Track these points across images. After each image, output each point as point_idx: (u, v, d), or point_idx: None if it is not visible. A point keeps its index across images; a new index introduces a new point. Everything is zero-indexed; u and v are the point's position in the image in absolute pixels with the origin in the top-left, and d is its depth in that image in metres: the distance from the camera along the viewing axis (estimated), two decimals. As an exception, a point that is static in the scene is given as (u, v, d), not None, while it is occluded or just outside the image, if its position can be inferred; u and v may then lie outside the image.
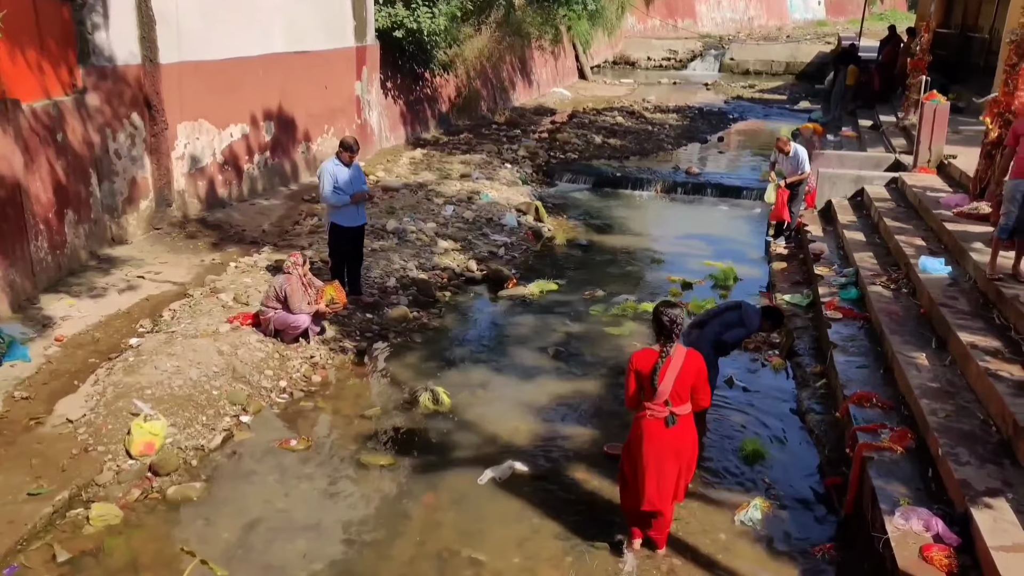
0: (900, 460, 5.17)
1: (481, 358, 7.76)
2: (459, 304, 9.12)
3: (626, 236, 12.11)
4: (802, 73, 32.99)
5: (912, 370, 6.05)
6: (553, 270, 10.36)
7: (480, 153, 15.68)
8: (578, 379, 7.36)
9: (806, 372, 7.40)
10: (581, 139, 18.27)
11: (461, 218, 11.62)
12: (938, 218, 8.97)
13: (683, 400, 4.60)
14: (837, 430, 6.24)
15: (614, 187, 14.97)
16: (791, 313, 8.71)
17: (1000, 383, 5.35)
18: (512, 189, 13.58)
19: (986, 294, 6.95)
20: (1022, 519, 4.26)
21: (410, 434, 6.35)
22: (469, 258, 10.23)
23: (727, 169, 16.93)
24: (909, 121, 14.95)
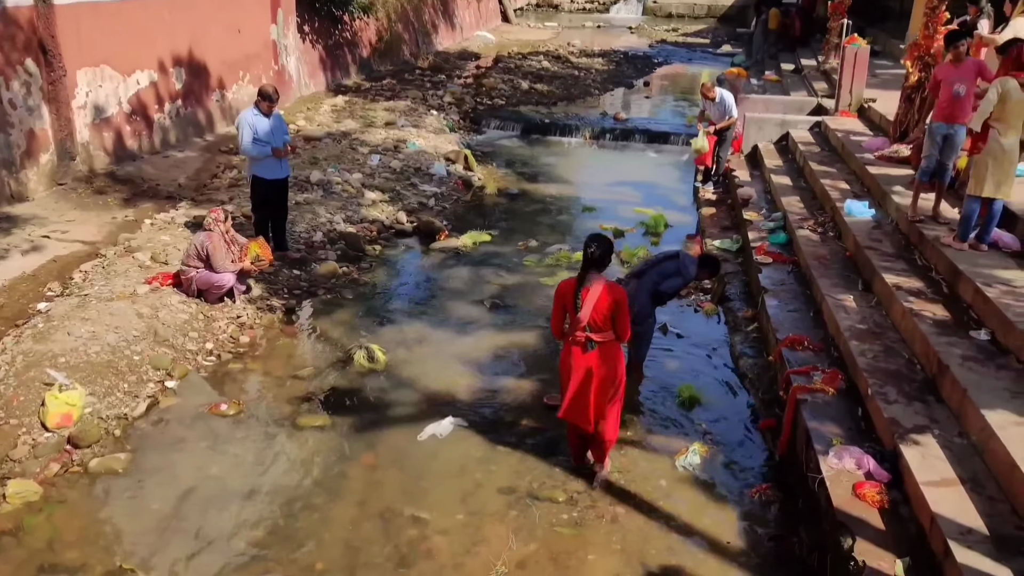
0: (832, 401, 5.31)
1: (416, 313, 7.62)
2: (390, 258, 8.91)
3: (557, 184, 12.03)
4: (724, 16, 33.23)
5: (840, 312, 6.20)
6: (485, 220, 10.23)
7: (405, 100, 15.28)
8: (515, 331, 7.31)
9: (738, 317, 7.53)
10: (508, 85, 17.99)
11: (388, 168, 11.32)
12: (860, 161, 9.17)
13: (601, 328, 4.80)
14: (770, 373, 6.38)
15: (543, 134, 14.83)
16: (721, 259, 8.81)
17: (923, 323, 5.53)
18: (440, 137, 13.29)
19: (908, 236, 7.16)
20: (948, 454, 4.43)
21: (346, 394, 6.20)
22: (398, 210, 9.98)
23: (653, 114, 16.96)
24: (830, 65, 15.23)
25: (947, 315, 5.64)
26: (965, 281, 5.83)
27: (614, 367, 4.91)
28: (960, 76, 6.71)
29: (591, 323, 4.77)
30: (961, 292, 5.89)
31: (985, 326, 5.38)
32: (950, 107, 6.76)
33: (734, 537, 4.80)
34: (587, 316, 4.73)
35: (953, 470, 4.29)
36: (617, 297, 4.75)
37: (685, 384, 6.42)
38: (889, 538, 4.09)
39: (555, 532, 4.78)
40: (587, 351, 4.82)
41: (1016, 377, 4.77)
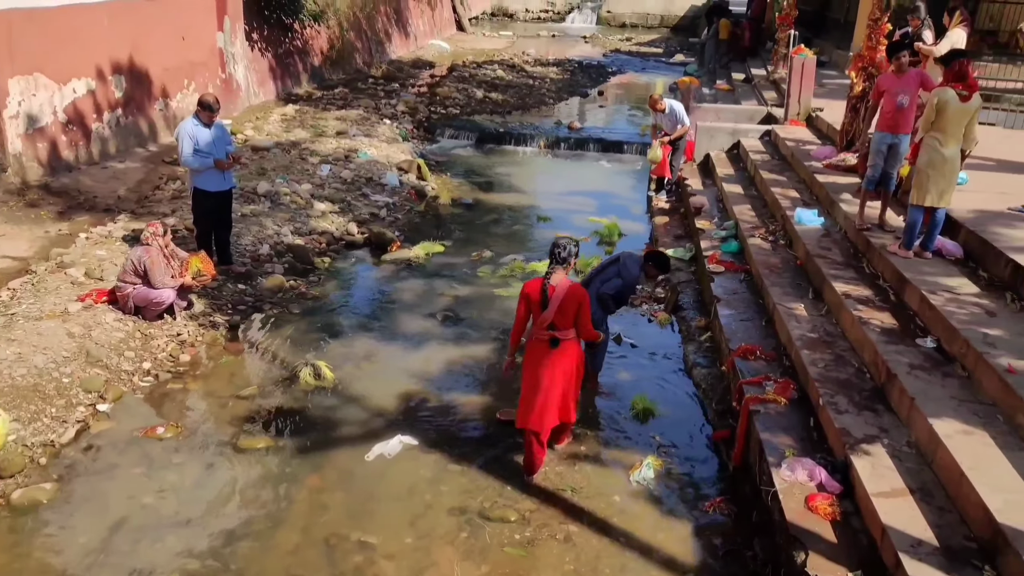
0: (784, 411, 5.30)
1: (365, 327, 7.45)
2: (339, 270, 8.73)
3: (511, 194, 11.97)
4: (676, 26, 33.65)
5: (792, 321, 6.21)
6: (438, 231, 10.11)
7: (357, 109, 15.11)
8: (468, 344, 7.19)
9: (691, 326, 7.52)
10: (462, 93, 17.90)
11: (339, 178, 11.14)
12: (809, 170, 9.27)
13: (566, 326, 5.04)
14: (723, 383, 6.36)
15: (497, 143, 14.78)
16: (675, 267, 8.82)
17: (872, 331, 5.55)
18: (392, 146, 13.14)
19: (856, 244, 7.22)
20: (898, 463, 4.43)
21: (291, 413, 6.00)
22: (349, 220, 9.81)
23: (608, 124, 17.02)
24: (779, 75, 15.46)
25: (895, 323, 5.68)
26: (911, 289, 5.87)
27: (578, 363, 5.26)
28: (902, 87, 6.80)
29: (556, 321, 4.99)
30: (907, 300, 5.94)
31: (931, 334, 5.42)
32: (893, 117, 6.85)
33: (688, 553, 4.73)
34: (553, 313, 4.96)
35: (903, 480, 4.29)
36: (581, 296, 5.02)
37: (639, 395, 6.36)
38: (841, 551, 4.06)
39: (506, 554, 4.66)
40: (552, 348, 5.05)
41: (961, 385, 4.80)
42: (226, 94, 13.21)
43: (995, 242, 6.14)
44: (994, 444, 4.21)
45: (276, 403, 6.11)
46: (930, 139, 6.05)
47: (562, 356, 5.09)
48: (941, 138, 6.00)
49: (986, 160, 8.55)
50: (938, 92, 5.99)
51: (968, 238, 6.44)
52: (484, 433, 5.84)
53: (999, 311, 5.37)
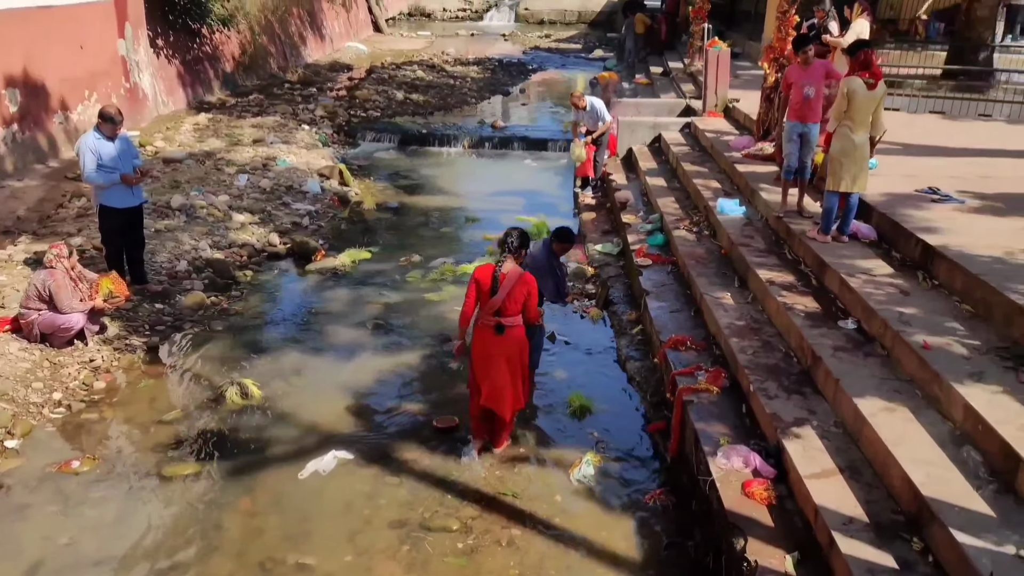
0: (717, 400, 5.40)
1: (293, 341, 7.28)
2: (263, 283, 8.51)
3: (438, 196, 11.89)
4: (594, 22, 34.07)
5: (719, 310, 6.34)
6: (364, 237, 9.97)
7: (273, 115, 14.79)
8: (401, 352, 7.11)
9: (622, 320, 7.60)
10: (382, 96, 17.72)
11: (257, 188, 10.87)
12: (729, 160, 9.48)
13: (512, 313, 5.25)
14: (657, 375, 6.44)
15: (421, 144, 14.67)
16: (603, 262, 8.92)
17: (796, 316, 5.71)
18: (312, 152, 12.90)
19: (777, 232, 7.42)
20: (827, 444, 4.56)
21: (218, 435, 5.81)
22: (270, 231, 9.58)
23: (531, 121, 17.09)
24: (695, 67, 15.77)
25: (817, 307, 5.85)
26: (831, 273, 6.06)
27: (524, 350, 5.43)
28: (808, 79, 7.01)
29: (503, 308, 5.21)
30: (828, 283, 6.13)
31: (851, 315, 5.61)
32: (802, 108, 7.08)
33: (632, 546, 4.78)
34: (501, 299, 5.17)
35: (832, 460, 4.41)
36: (530, 284, 5.28)
37: (575, 392, 6.40)
38: (779, 534, 4.16)
39: (449, 564, 4.61)
40: (498, 335, 5.25)
41: (882, 364, 4.98)
42: (132, 104, 12.72)
43: (905, 223, 6.39)
44: (915, 419, 4.38)
45: (201, 426, 5.90)
46: (841, 127, 6.26)
47: (508, 342, 5.30)
48: (851, 126, 6.22)
49: (893, 144, 8.90)
50: (846, 81, 6.20)
51: (880, 221, 6.69)
52: (421, 442, 5.76)
53: (912, 290, 5.60)
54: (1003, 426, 3.93)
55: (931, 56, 12.98)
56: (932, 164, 8.36)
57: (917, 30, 15.85)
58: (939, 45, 13.77)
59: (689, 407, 5.32)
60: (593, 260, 9.08)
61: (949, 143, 9.35)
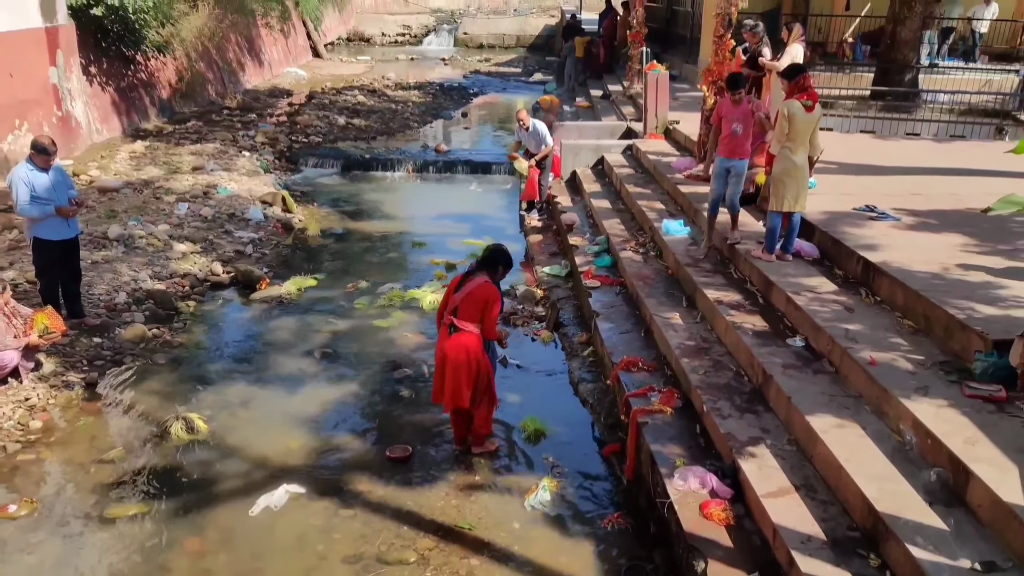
0: (671, 421, 5.41)
1: (239, 372, 7.09)
2: (206, 314, 8.29)
3: (383, 221, 11.79)
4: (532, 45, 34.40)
5: (669, 331, 6.38)
6: (309, 264, 9.80)
7: (213, 142, 14.51)
8: (350, 381, 6.98)
9: (573, 342, 7.60)
10: (323, 121, 17.55)
11: (198, 216, 10.62)
12: (671, 181, 9.63)
13: (468, 319, 5.45)
14: (610, 397, 6.44)
15: (364, 170, 14.56)
16: (552, 284, 8.93)
17: (745, 334, 5.78)
18: (254, 179, 12.68)
19: (722, 251, 7.53)
20: (781, 462, 4.60)
21: (163, 473, 5.58)
22: (212, 260, 9.35)
23: (474, 145, 17.12)
24: (635, 90, 16.03)
25: (765, 325, 5.94)
26: (777, 291, 6.17)
27: (471, 356, 5.48)
28: (738, 116, 7.07)
29: (461, 310, 5.43)
30: (775, 301, 6.23)
31: (799, 333, 5.71)
32: (730, 143, 7.13)
33: (592, 572, 4.73)
34: (460, 299, 5.42)
35: (788, 478, 4.45)
36: (490, 296, 5.45)
37: (529, 417, 6.35)
38: (738, 555, 4.16)
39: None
40: (450, 335, 5.48)
41: (831, 380, 5.06)
42: (64, 133, 12.30)
43: (845, 241, 6.56)
44: (865, 435, 4.45)
45: (145, 463, 5.67)
46: (783, 149, 6.40)
47: (458, 344, 5.45)
48: (792, 147, 6.37)
49: (829, 164, 9.17)
50: (787, 105, 6.35)
51: (822, 239, 6.86)
52: (375, 473, 5.63)
53: (856, 306, 5.73)
54: (951, 439, 4.02)
55: (859, 77, 13.44)
56: (867, 182, 8.62)
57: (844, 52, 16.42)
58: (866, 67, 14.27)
59: (644, 429, 5.31)
60: (542, 282, 9.08)
61: (881, 161, 9.66)
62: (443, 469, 5.69)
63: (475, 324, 5.47)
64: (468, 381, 5.55)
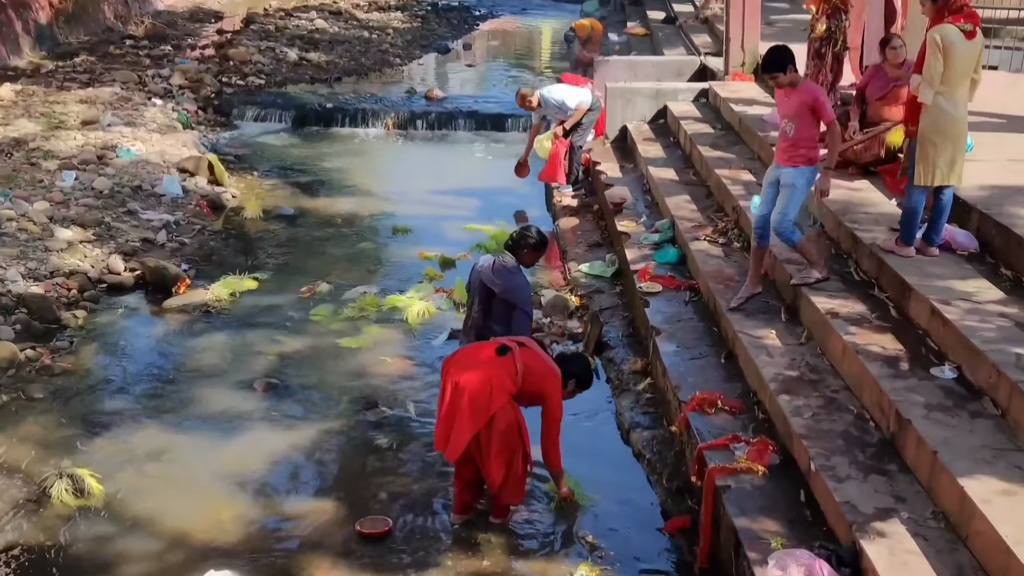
0: (763, 483, 5.40)
1: (148, 411, 7.19)
2: (101, 328, 8.44)
3: (351, 197, 11.90)
4: (566, -52, 34.48)
5: (762, 355, 6.38)
6: (248, 259, 9.94)
7: (111, 85, 14.78)
8: (306, 425, 7.05)
9: (623, 371, 7.63)
10: (267, 55, 17.74)
11: (90, 190, 10.86)
12: (766, 142, 9.60)
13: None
14: (675, 450, 6.46)
15: (325, 125, 14.71)
16: (593, 289, 8.95)
17: (871, 361, 5.76)
18: (169, 138, 12.88)
19: (838, 241, 7.53)
20: (922, 543, 4.58)
21: (41, 551, 5.65)
22: (111, 252, 9.52)
23: (480, 90, 17.22)
24: (711, 11, 16.09)
25: (900, 348, 5.91)
26: (917, 299, 6.15)
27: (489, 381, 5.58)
28: (789, 110, 6.84)
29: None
30: (913, 314, 6.21)
31: (948, 359, 5.68)
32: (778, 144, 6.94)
33: None
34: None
35: (931, 567, 4.43)
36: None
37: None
38: (861, 676, 4.15)
39: None
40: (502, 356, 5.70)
41: (995, 428, 5.04)
42: (-96, 71, 12.48)
43: (1016, 228, 6.52)
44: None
45: (15, 539, 5.73)
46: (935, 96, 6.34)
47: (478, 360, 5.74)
48: (947, 92, 6.31)
49: (992, 117, 9.13)
50: (939, 31, 6.27)
51: (983, 224, 6.82)
52: (340, 555, 5.68)
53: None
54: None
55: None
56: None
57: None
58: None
59: (724, 495, 5.31)
60: (578, 286, 9.12)
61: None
62: (435, 550, 5.72)
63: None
64: (473, 414, 5.56)
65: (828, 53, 9.52)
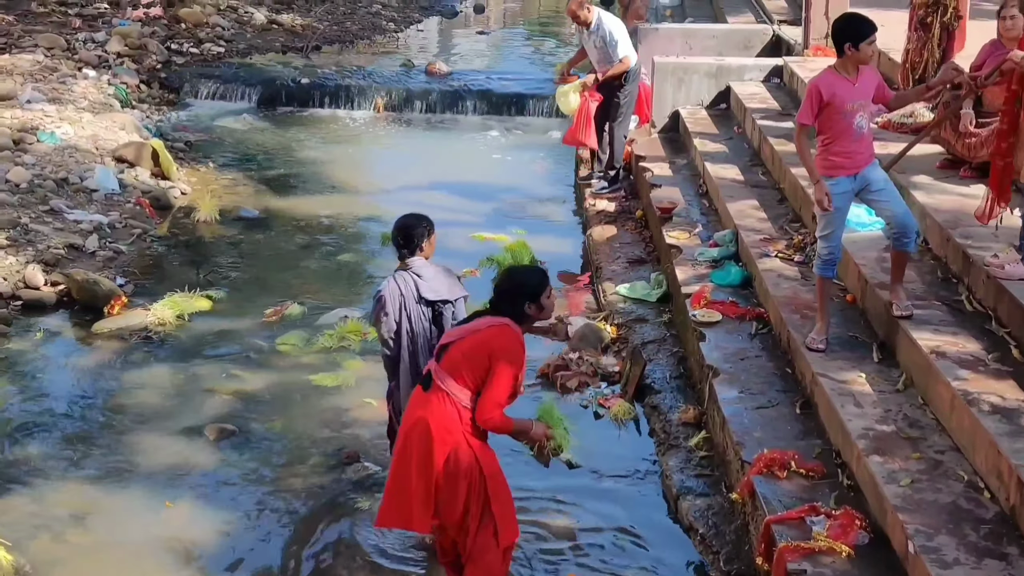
0: (849, 568, 5.37)
1: (70, 463, 7.24)
2: (14, 356, 8.52)
3: (331, 196, 11.96)
4: None
5: (848, 405, 6.35)
6: (199, 272, 10.01)
7: (32, 52, 14.94)
8: (267, 481, 7.11)
9: (670, 422, 7.60)
10: (228, 17, 17.86)
11: (4, 182, 10.91)
12: (856, 135, 9.62)
13: (458, 376, 5.53)
14: (736, 522, 6.42)
15: (300, 105, 14.82)
16: (633, 316, 8.94)
17: (988, 416, 5.73)
18: (103, 119, 12.98)
19: (945, 261, 7.51)
20: (1052, 647, 4.56)
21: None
22: (27, 262, 9.60)
23: (495, 64, 17.29)
24: (788, -31, 16.09)
25: (1023, 398, 5.88)
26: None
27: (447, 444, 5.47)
28: (859, 95, 6.85)
29: (450, 356, 5.50)
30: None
31: (1088, 413, 5.66)
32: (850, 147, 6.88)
33: None
34: (455, 336, 5.58)
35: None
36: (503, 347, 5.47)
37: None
38: None
39: None
40: (424, 391, 5.57)
41: None
42: None
43: None
44: None
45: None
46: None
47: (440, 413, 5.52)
48: None
49: None
50: None
51: None
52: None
53: None
54: None
55: None
56: None
57: None
58: None
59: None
60: (614, 312, 9.11)
61: None
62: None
63: (467, 389, 5.51)
64: (451, 487, 5.48)
65: (935, 22, 9.52)
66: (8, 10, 16.75)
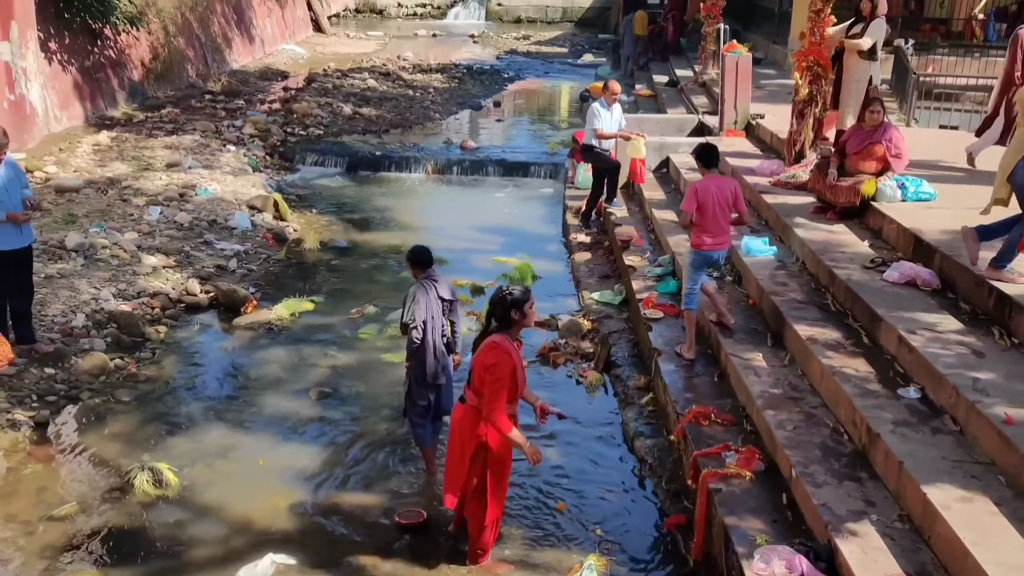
0: (751, 487, 5.39)
1: (218, 414, 7.23)
2: (180, 342, 8.48)
3: (396, 232, 11.96)
4: (582, 20, 34.81)
5: (750, 375, 6.37)
6: (306, 284, 9.99)
7: (192, 133, 14.91)
8: (353, 428, 7.08)
9: (629, 387, 7.61)
10: (326, 110, 17.89)
11: (173, 223, 10.91)
12: (755, 190, 9.62)
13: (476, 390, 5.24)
14: (674, 456, 6.44)
15: (374, 170, 14.81)
16: (603, 315, 8.95)
17: (846, 382, 5.74)
18: (240, 179, 12.97)
19: (817, 276, 7.51)
20: (890, 543, 4.55)
21: (125, 535, 5.70)
22: (189, 277, 9.57)
23: (508, 141, 17.33)
24: (709, 76, 16.13)
25: (871, 371, 5.89)
26: (886, 328, 6.12)
27: (472, 438, 5.23)
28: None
29: (473, 375, 5.22)
30: (883, 342, 6.18)
31: (913, 382, 5.65)
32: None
33: (648, 675, 4.70)
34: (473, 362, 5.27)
35: (898, 564, 4.40)
36: (487, 360, 5.08)
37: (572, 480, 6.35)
38: (834, 659, 4.11)
39: None
40: (462, 403, 5.34)
41: (954, 442, 5.00)
42: (17, 120, 12.69)
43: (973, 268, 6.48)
44: (998, 511, 4.38)
45: (103, 523, 5.79)
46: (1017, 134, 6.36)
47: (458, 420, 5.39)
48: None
49: (952, 171, 9.12)
50: None
51: (944, 264, 6.79)
52: (381, 542, 5.69)
53: (987, 350, 5.65)
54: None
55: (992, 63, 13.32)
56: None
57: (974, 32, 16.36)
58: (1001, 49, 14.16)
59: (716, 497, 5.31)
60: (590, 311, 9.12)
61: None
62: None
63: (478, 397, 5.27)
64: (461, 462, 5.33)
65: (810, 114, 9.56)
66: (176, 105, 16.86)
